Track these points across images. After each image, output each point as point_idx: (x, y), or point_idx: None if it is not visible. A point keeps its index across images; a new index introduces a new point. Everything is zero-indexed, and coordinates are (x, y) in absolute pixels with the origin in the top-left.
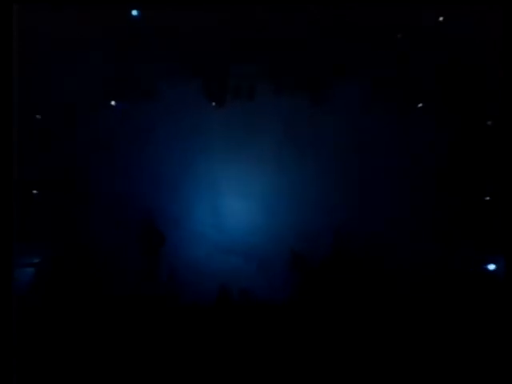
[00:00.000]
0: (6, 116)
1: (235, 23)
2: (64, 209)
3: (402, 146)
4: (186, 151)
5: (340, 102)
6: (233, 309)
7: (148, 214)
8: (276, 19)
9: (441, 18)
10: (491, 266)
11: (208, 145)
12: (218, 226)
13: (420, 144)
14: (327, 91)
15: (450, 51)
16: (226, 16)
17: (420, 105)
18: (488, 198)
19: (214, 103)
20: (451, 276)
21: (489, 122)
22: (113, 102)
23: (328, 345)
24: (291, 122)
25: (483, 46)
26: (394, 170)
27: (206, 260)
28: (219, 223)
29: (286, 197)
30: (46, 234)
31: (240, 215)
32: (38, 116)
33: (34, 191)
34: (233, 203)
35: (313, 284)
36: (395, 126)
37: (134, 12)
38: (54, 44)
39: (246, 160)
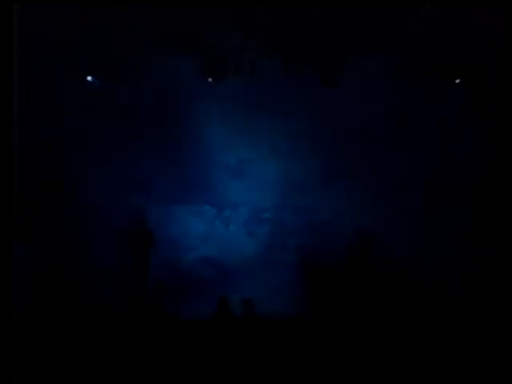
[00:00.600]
0: (5, 116)
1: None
2: (56, 209)
3: (424, 140)
4: (179, 145)
5: (358, 84)
6: (234, 323)
7: (137, 213)
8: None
9: None
10: None
11: (203, 136)
12: (216, 227)
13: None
14: (343, 69)
15: (450, 51)
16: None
17: (458, 80)
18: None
19: (210, 79)
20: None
21: None
22: (89, 78)
23: (348, 368)
24: (301, 107)
25: (483, 46)
26: (415, 166)
27: (203, 267)
28: (218, 224)
29: (293, 195)
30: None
31: (241, 215)
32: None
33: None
34: (233, 202)
35: (327, 292)
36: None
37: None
38: (53, 44)
39: (248, 153)
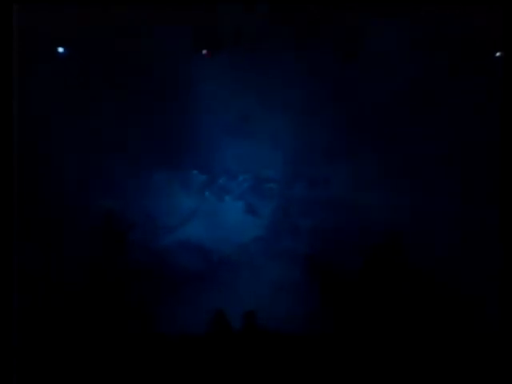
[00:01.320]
0: (6, 116)
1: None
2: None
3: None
4: (159, 95)
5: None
6: (233, 338)
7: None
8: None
9: None
10: None
11: (192, 84)
12: (205, 199)
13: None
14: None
15: (450, 51)
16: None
17: (498, 54)
18: None
19: (204, 51)
20: None
21: None
22: (60, 49)
23: None
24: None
25: (483, 46)
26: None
27: (186, 254)
28: (208, 195)
29: (307, 162)
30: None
31: (240, 184)
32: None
33: None
34: (229, 167)
35: (344, 294)
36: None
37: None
38: (54, 44)
39: (250, 106)
